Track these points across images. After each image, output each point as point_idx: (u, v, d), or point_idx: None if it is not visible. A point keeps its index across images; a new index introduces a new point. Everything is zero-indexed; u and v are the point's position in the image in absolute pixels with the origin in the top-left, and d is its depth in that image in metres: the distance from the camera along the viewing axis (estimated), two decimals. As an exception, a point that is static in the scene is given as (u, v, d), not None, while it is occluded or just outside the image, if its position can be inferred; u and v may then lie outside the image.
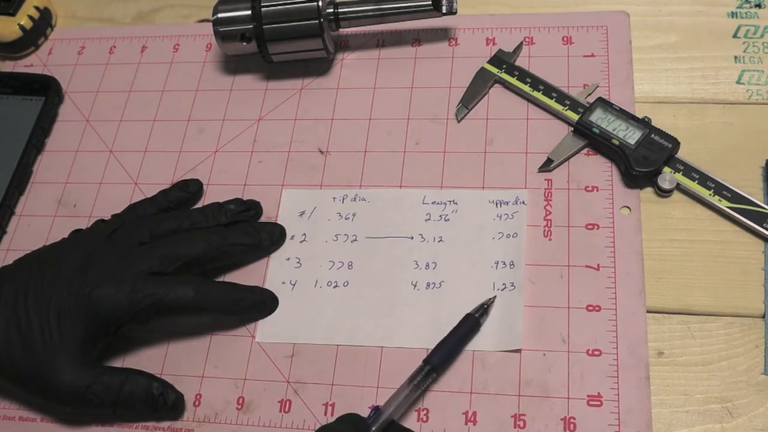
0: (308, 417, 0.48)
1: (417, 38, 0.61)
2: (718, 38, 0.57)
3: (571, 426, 0.45)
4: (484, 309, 0.48)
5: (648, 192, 0.52)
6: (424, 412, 0.47)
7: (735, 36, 0.57)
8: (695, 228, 0.50)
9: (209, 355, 0.51)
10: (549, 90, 0.55)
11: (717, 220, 0.50)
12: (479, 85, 0.57)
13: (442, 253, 0.52)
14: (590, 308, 0.48)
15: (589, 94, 0.54)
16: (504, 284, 0.49)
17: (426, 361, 0.46)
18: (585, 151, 0.53)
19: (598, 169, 0.53)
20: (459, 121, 0.56)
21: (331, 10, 0.57)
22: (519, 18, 0.61)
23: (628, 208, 0.51)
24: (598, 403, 0.45)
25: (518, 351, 0.47)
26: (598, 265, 0.49)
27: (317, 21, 0.56)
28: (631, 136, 0.51)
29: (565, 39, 0.59)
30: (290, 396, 0.49)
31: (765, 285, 0.48)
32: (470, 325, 0.47)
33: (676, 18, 0.59)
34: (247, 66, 0.63)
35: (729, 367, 0.46)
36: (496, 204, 0.53)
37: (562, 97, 0.54)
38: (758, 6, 0.58)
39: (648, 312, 0.48)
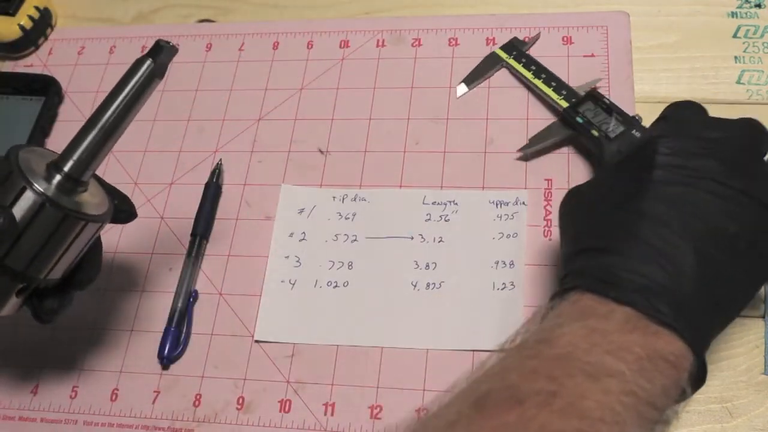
0: (308, 417, 0.48)
1: (417, 38, 0.61)
2: (718, 38, 0.57)
3: (571, 426, 0.45)
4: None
5: (648, 192, 0.51)
6: (424, 412, 0.46)
7: (735, 36, 0.57)
8: (695, 228, 0.50)
9: (209, 355, 0.51)
10: (549, 79, 0.55)
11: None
12: (485, 67, 0.58)
13: (442, 253, 0.52)
14: (590, 308, 0.48)
15: (592, 88, 0.54)
16: (504, 284, 0.49)
17: (193, 234, 0.53)
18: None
19: (598, 169, 0.53)
20: (458, 98, 0.57)
21: None
22: (519, 18, 0.61)
23: (628, 208, 0.51)
24: (598, 403, 0.45)
25: (518, 351, 0.47)
26: (598, 265, 0.49)
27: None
28: (613, 130, 0.50)
29: (565, 39, 0.59)
30: (290, 396, 0.49)
31: (765, 285, 0.48)
32: (213, 191, 0.54)
33: (676, 18, 0.59)
34: (248, 66, 0.63)
35: (729, 367, 0.46)
36: (496, 204, 0.53)
37: (560, 87, 0.55)
38: (758, 6, 0.58)
39: (648, 312, 0.48)
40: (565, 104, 0.53)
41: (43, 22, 0.67)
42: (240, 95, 0.61)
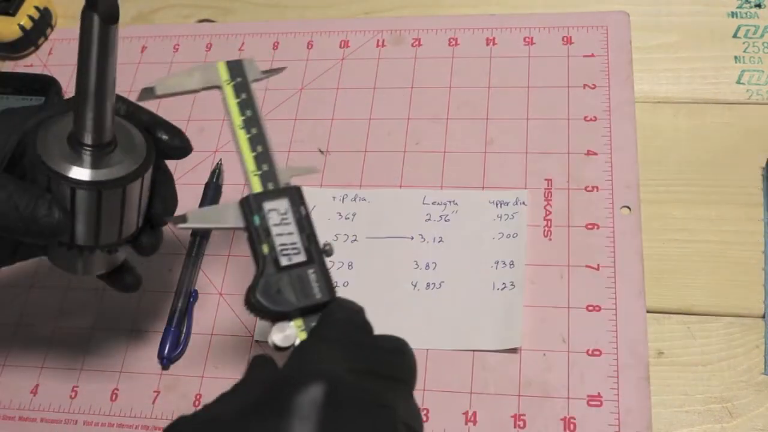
0: (308, 417, 0.48)
1: (417, 38, 0.61)
2: (718, 38, 0.57)
3: (571, 426, 0.45)
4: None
5: (648, 192, 0.52)
6: (424, 412, 0.46)
7: (735, 36, 0.57)
8: (695, 228, 0.50)
9: (209, 355, 0.51)
10: (257, 141, 0.40)
11: (717, 220, 0.50)
12: (194, 78, 0.42)
13: (442, 253, 0.52)
14: (590, 308, 0.48)
15: (293, 186, 0.39)
16: (504, 284, 0.49)
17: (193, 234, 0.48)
18: (585, 151, 0.53)
19: (598, 169, 0.53)
20: (140, 99, 0.42)
21: None
22: (519, 18, 0.61)
23: (628, 208, 0.51)
24: (598, 403, 0.45)
25: (518, 351, 0.47)
26: (598, 265, 0.49)
27: None
28: (289, 256, 0.37)
29: (565, 39, 0.59)
30: (290, 396, 0.49)
31: (765, 285, 0.48)
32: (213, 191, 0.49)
33: (676, 18, 0.59)
34: (247, 66, 0.63)
35: (729, 367, 0.46)
36: (496, 204, 0.53)
37: (263, 158, 0.40)
38: (758, 6, 0.58)
39: (648, 312, 0.48)
40: (258, 187, 0.39)
41: (43, 22, 0.67)
42: (240, 95, 0.61)
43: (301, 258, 0.37)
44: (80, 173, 0.38)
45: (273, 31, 0.64)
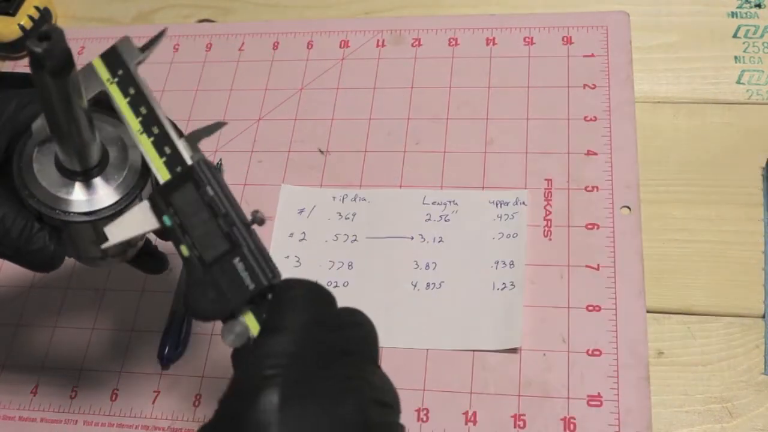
0: (308, 417, 0.48)
1: (417, 38, 0.61)
2: (718, 38, 0.57)
3: (571, 426, 0.45)
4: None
5: (648, 192, 0.52)
6: (424, 412, 0.46)
7: (735, 36, 0.57)
8: (695, 228, 0.50)
9: (209, 355, 0.51)
10: (150, 122, 0.35)
11: (717, 220, 0.50)
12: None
13: (442, 253, 0.51)
14: (590, 308, 0.48)
15: (200, 160, 0.35)
16: (504, 284, 0.49)
17: None
18: (585, 151, 0.53)
19: (598, 169, 0.53)
20: None
21: None
22: (519, 18, 0.61)
23: (628, 208, 0.51)
24: (598, 403, 0.45)
25: (518, 351, 0.47)
26: (598, 265, 0.49)
27: None
28: (214, 246, 0.33)
29: (565, 39, 0.59)
30: (290, 396, 0.49)
31: (765, 285, 0.48)
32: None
33: (676, 18, 0.59)
34: (248, 66, 0.63)
35: (729, 367, 0.46)
36: (496, 204, 0.53)
37: (162, 140, 0.35)
38: (758, 6, 0.58)
39: (648, 312, 0.48)
40: (165, 175, 0.34)
41: (43, 22, 0.67)
42: (240, 95, 0.61)
43: (225, 246, 0.33)
44: (72, 205, 0.36)
45: (273, 31, 0.64)
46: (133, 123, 0.35)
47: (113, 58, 0.36)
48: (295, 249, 0.53)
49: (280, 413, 0.28)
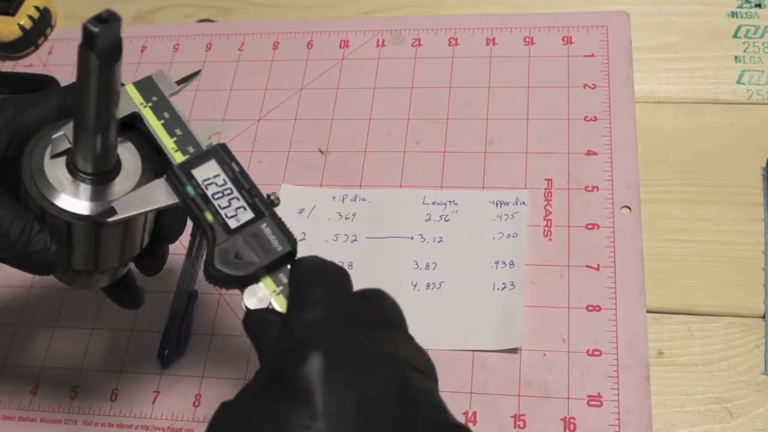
0: (308, 417, 0.48)
1: (417, 38, 0.61)
2: (719, 38, 0.57)
3: (571, 426, 0.45)
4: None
5: (648, 192, 0.52)
6: (424, 412, 0.46)
7: (735, 36, 0.57)
8: (695, 228, 0.50)
9: (209, 355, 0.51)
10: (186, 141, 0.37)
11: (717, 220, 0.50)
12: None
13: (442, 253, 0.51)
14: (590, 308, 0.48)
15: (218, 144, 0.37)
16: (504, 284, 0.49)
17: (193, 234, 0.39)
18: (585, 151, 0.53)
19: (598, 168, 0.53)
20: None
21: None
22: (519, 18, 0.61)
23: (628, 208, 0.51)
24: (598, 403, 0.45)
25: (518, 351, 0.47)
26: (598, 265, 0.49)
27: None
28: (237, 216, 0.35)
29: (565, 39, 0.59)
30: (290, 396, 0.49)
31: (765, 285, 0.48)
32: None
33: (676, 18, 0.59)
34: (248, 66, 0.63)
35: (729, 367, 0.46)
36: (496, 204, 0.53)
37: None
38: (758, 6, 0.58)
39: (648, 312, 0.48)
40: (180, 156, 0.36)
41: (43, 22, 0.67)
42: (240, 95, 0.61)
43: (249, 215, 0.35)
44: (78, 206, 0.35)
45: (273, 31, 0.64)
46: (167, 142, 0.37)
47: (148, 86, 0.38)
48: (295, 249, 0.53)
49: (325, 376, 0.29)
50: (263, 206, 0.35)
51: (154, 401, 0.50)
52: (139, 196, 0.35)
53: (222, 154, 0.36)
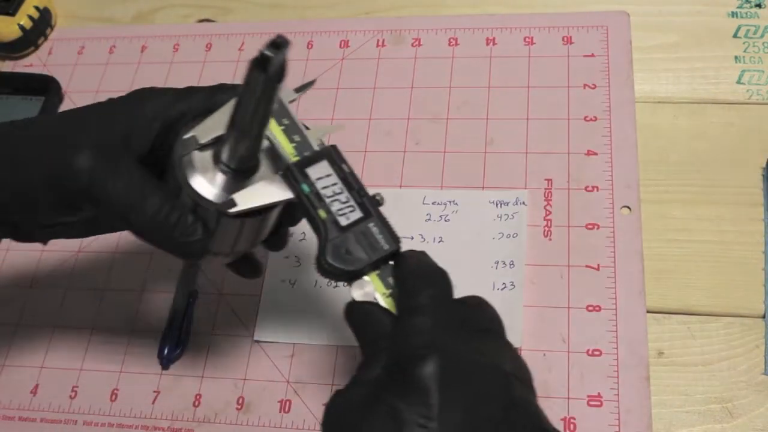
0: (308, 417, 0.48)
1: (417, 38, 0.61)
2: (719, 38, 0.57)
3: (571, 426, 0.45)
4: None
5: (648, 192, 0.52)
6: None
7: (735, 36, 0.57)
8: (695, 228, 0.50)
9: (209, 355, 0.51)
10: (304, 147, 0.39)
11: (717, 220, 0.50)
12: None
13: (442, 253, 0.51)
14: (590, 308, 0.48)
15: (328, 146, 0.40)
16: (504, 284, 0.49)
17: None
18: (585, 151, 0.53)
19: (598, 168, 0.53)
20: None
21: None
22: (519, 18, 0.61)
23: (628, 208, 0.51)
24: (598, 403, 0.45)
25: (518, 351, 0.47)
26: (598, 265, 0.49)
27: None
28: (347, 214, 0.37)
29: (565, 39, 0.59)
30: (290, 396, 0.49)
31: (765, 285, 0.48)
32: None
33: (676, 18, 0.59)
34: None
35: (729, 367, 0.46)
36: (496, 204, 0.53)
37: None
38: (758, 6, 0.58)
39: (648, 312, 0.48)
40: (291, 152, 0.39)
41: (43, 22, 0.67)
42: (240, 95, 0.61)
43: (358, 214, 0.37)
44: (219, 196, 0.37)
45: (273, 31, 0.63)
46: (287, 147, 0.39)
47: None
48: (295, 249, 0.53)
49: (441, 379, 0.30)
50: (371, 206, 0.37)
51: (154, 401, 0.50)
52: (258, 191, 0.37)
53: (333, 155, 0.39)
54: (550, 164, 0.53)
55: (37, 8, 0.67)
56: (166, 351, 0.51)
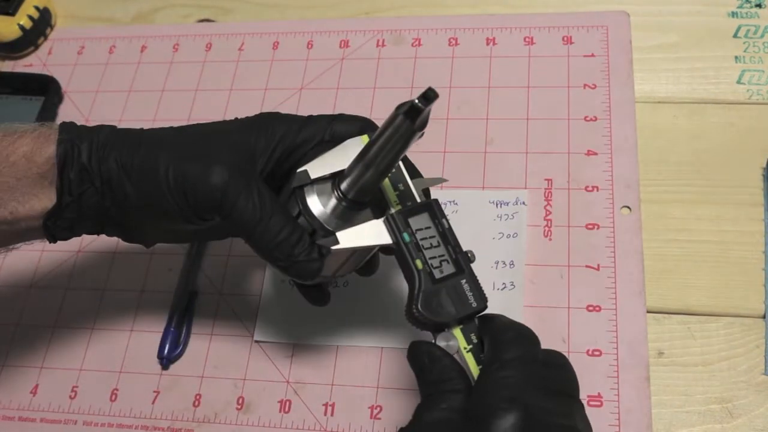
0: (308, 417, 0.48)
1: (417, 38, 0.61)
2: (719, 38, 0.57)
3: (571, 426, 0.45)
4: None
5: (648, 192, 0.52)
6: (424, 412, 0.46)
7: (735, 36, 0.57)
8: (695, 228, 0.50)
9: (209, 355, 0.51)
10: (406, 196, 0.42)
11: (717, 220, 0.50)
12: (348, 155, 0.40)
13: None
14: (590, 308, 0.48)
15: (432, 199, 0.41)
16: (504, 284, 0.49)
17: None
18: (585, 151, 0.53)
19: (598, 168, 0.53)
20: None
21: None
22: (519, 18, 0.61)
23: (628, 208, 0.51)
24: (598, 403, 0.45)
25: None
26: (598, 265, 0.49)
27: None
28: (441, 267, 0.39)
29: (565, 39, 0.59)
30: (290, 396, 0.49)
31: (765, 285, 0.48)
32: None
33: (676, 18, 0.59)
34: (248, 66, 0.63)
35: (729, 367, 0.46)
36: (496, 204, 0.53)
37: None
38: (758, 6, 0.58)
39: (648, 312, 0.48)
40: (394, 200, 0.41)
41: (43, 21, 0.67)
42: (240, 95, 0.61)
43: (451, 269, 0.39)
44: (343, 230, 0.39)
45: (273, 31, 0.64)
46: (391, 194, 0.41)
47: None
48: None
49: None
50: (464, 263, 0.39)
51: (154, 401, 0.50)
52: (359, 232, 0.40)
53: (435, 209, 0.40)
54: (550, 164, 0.53)
55: (37, 8, 0.67)
56: (166, 351, 0.51)
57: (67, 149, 0.39)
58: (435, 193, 0.54)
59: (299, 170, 0.40)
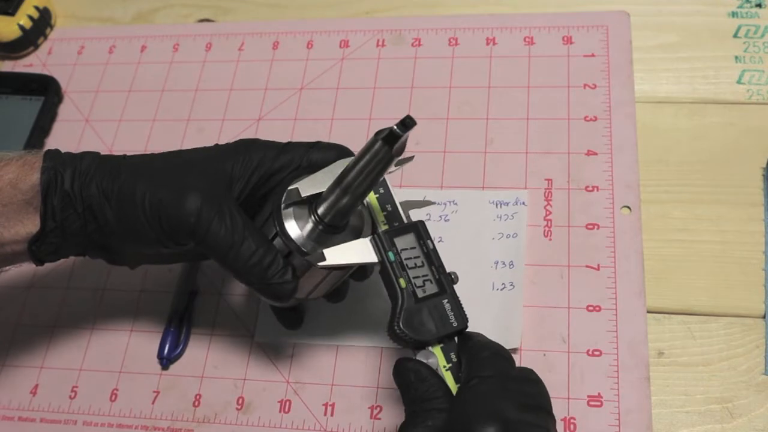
0: (308, 417, 0.48)
1: (417, 38, 0.61)
2: (719, 38, 0.57)
3: (571, 426, 0.45)
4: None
5: (648, 192, 0.52)
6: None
7: (735, 36, 0.57)
8: (695, 228, 0.50)
9: (209, 355, 0.51)
10: (395, 218, 0.43)
11: (717, 220, 0.50)
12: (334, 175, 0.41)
13: (442, 253, 0.51)
14: (590, 308, 0.48)
15: (417, 221, 0.42)
16: (503, 284, 0.49)
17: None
18: (585, 151, 0.53)
19: (598, 168, 0.53)
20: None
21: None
22: (519, 18, 0.61)
23: (628, 208, 0.51)
24: (598, 403, 0.45)
25: (518, 351, 0.47)
26: (598, 265, 0.49)
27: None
28: (425, 287, 0.40)
29: (565, 39, 0.59)
30: (290, 396, 0.49)
31: (765, 285, 0.48)
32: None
33: (676, 18, 0.59)
34: (248, 66, 0.63)
35: (729, 367, 0.46)
36: (496, 204, 0.52)
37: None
38: (759, 6, 0.58)
39: (648, 312, 0.48)
40: (384, 224, 0.43)
41: (43, 21, 0.67)
42: (240, 95, 0.61)
43: (434, 289, 0.40)
44: (308, 246, 0.41)
45: (273, 30, 0.64)
46: (379, 214, 0.43)
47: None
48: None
49: None
50: (447, 284, 0.40)
51: (154, 401, 0.50)
52: (345, 250, 0.40)
53: (420, 230, 0.42)
54: (550, 164, 0.53)
55: (37, 8, 0.67)
56: (166, 351, 0.51)
57: (50, 177, 0.41)
58: (434, 194, 0.54)
59: (290, 188, 0.41)
